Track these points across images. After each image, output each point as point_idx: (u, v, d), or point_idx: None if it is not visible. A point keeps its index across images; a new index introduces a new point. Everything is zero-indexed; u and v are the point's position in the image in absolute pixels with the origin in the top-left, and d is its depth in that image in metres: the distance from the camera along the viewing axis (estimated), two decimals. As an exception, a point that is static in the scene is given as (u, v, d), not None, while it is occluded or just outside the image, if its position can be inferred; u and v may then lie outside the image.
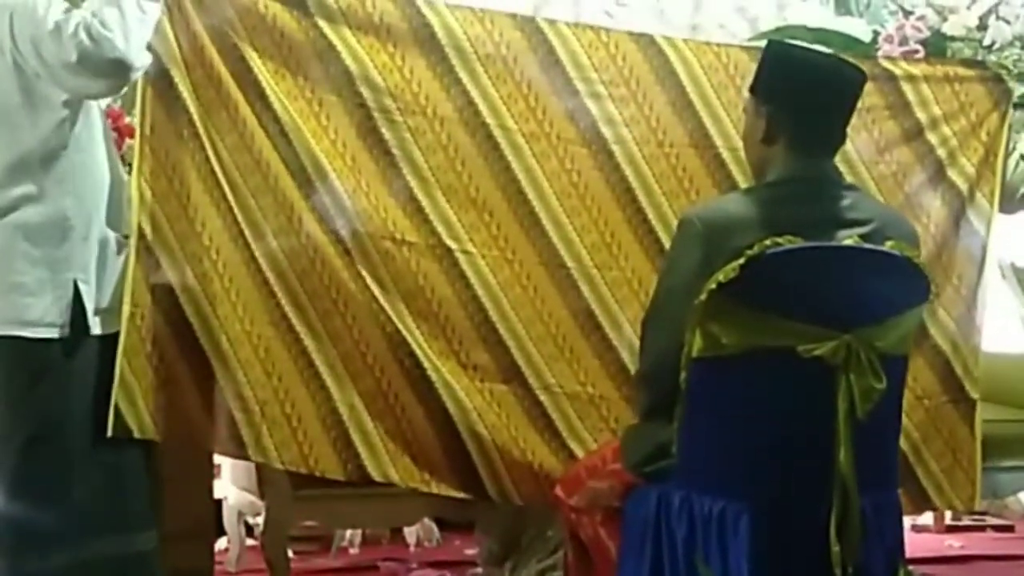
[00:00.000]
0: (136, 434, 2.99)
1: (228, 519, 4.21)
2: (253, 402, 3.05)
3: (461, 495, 3.21)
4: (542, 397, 3.20)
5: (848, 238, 2.50)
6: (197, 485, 3.20)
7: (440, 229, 3.15)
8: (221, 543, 4.26)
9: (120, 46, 2.84)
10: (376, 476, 3.13)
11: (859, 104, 3.31)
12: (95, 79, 2.88)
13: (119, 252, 3.05)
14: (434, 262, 3.14)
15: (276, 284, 3.06)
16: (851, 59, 2.86)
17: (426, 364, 3.12)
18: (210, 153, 3.03)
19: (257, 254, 3.05)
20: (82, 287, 2.96)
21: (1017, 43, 4.41)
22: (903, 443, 3.29)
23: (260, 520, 3.89)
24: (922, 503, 3.48)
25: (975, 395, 3.43)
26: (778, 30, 4.88)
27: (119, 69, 2.88)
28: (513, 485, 3.17)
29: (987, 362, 3.52)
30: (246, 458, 3.17)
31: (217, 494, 3.95)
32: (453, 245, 3.15)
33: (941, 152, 3.43)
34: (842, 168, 3.18)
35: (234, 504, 4.13)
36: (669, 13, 5.25)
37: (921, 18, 4.49)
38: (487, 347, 3.18)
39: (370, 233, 3.10)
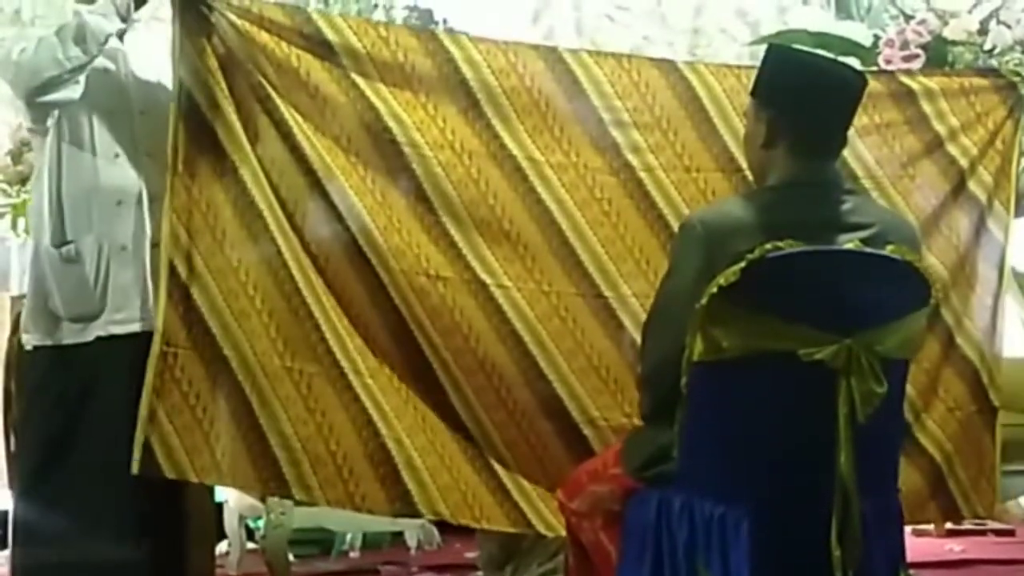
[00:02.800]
0: (168, 474, 2.93)
1: (229, 522, 4.22)
2: (295, 439, 2.98)
3: (512, 531, 3.20)
4: (586, 431, 3.14)
5: (849, 242, 2.50)
6: (198, 488, 3.19)
7: (475, 264, 3.09)
8: (222, 546, 4.26)
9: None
10: (426, 512, 3.10)
11: (879, 120, 3.32)
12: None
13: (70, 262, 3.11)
14: (470, 297, 3.09)
15: (320, 319, 3.00)
16: (869, 75, 2.83)
17: (456, 403, 3.09)
18: (249, 186, 2.98)
19: (297, 288, 3.00)
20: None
21: (1018, 47, 4.43)
22: (937, 455, 3.31)
23: (261, 523, 3.90)
24: (952, 513, 3.47)
25: (997, 403, 3.41)
26: (779, 34, 4.91)
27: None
28: (555, 518, 3.10)
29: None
30: (290, 497, 3.13)
31: (218, 497, 3.96)
32: (488, 280, 3.10)
33: (963, 162, 3.40)
34: (867, 185, 3.20)
35: (235, 507, 4.13)
36: (670, 17, 5.26)
37: (922, 22, 4.50)
38: (528, 381, 3.11)
39: (404, 270, 3.05)
